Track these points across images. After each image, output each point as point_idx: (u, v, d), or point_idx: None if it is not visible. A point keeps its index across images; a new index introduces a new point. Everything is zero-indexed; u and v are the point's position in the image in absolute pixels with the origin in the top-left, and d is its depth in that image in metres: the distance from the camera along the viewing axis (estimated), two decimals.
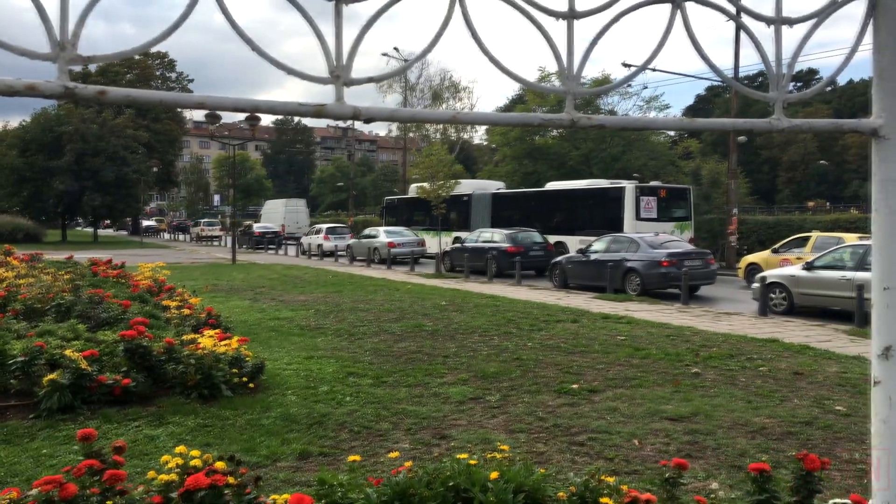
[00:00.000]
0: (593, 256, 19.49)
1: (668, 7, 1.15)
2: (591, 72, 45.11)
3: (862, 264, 13.18)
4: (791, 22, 1.17)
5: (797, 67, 1.28)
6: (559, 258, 21.22)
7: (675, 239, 20.17)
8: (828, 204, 45.57)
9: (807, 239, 19.68)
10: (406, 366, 8.93)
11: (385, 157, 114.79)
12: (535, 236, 25.30)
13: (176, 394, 6.96)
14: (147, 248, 43.22)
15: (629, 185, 25.93)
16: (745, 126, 1.20)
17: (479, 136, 68.58)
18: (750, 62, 34.72)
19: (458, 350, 10.02)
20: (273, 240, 43.14)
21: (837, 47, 60.32)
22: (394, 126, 60.55)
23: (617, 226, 24.63)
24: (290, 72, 1.03)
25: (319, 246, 35.51)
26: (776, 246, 20.68)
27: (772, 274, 15.34)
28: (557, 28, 1.18)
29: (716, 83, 59.35)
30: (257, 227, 47.11)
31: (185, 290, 12.13)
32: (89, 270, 13.98)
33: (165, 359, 7.19)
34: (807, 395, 7.60)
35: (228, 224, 51.76)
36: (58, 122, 48.14)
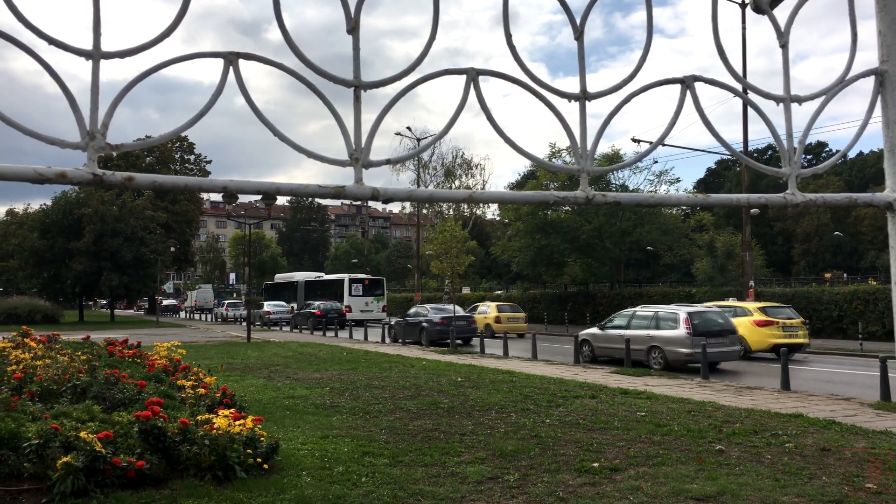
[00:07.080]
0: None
1: (678, 87, 1.18)
2: (601, 147, 45.64)
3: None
4: (800, 100, 1.19)
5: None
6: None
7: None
8: (845, 275, 45.14)
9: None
10: (422, 444, 8.77)
11: (399, 234, 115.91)
12: (338, 305, 41.47)
13: (190, 476, 6.86)
14: (163, 327, 43.31)
15: (346, 277, 47.04)
16: (759, 202, 1.20)
17: (491, 211, 69.21)
18: (757, 136, 35.55)
19: (475, 427, 9.86)
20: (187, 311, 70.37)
21: (845, 120, 60.79)
22: (407, 203, 61.30)
23: (342, 299, 44.36)
24: (311, 155, 1.05)
25: (222, 314, 54.14)
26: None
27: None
28: (570, 108, 1.21)
29: (726, 157, 59.99)
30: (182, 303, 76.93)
31: (200, 369, 12.09)
32: (105, 351, 13.98)
33: (180, 440, 7.11)
34: (835, 473, 7.38)
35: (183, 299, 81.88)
36: (78, 204, 49.04)
